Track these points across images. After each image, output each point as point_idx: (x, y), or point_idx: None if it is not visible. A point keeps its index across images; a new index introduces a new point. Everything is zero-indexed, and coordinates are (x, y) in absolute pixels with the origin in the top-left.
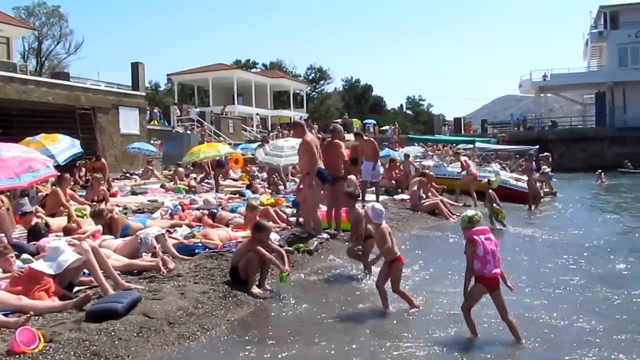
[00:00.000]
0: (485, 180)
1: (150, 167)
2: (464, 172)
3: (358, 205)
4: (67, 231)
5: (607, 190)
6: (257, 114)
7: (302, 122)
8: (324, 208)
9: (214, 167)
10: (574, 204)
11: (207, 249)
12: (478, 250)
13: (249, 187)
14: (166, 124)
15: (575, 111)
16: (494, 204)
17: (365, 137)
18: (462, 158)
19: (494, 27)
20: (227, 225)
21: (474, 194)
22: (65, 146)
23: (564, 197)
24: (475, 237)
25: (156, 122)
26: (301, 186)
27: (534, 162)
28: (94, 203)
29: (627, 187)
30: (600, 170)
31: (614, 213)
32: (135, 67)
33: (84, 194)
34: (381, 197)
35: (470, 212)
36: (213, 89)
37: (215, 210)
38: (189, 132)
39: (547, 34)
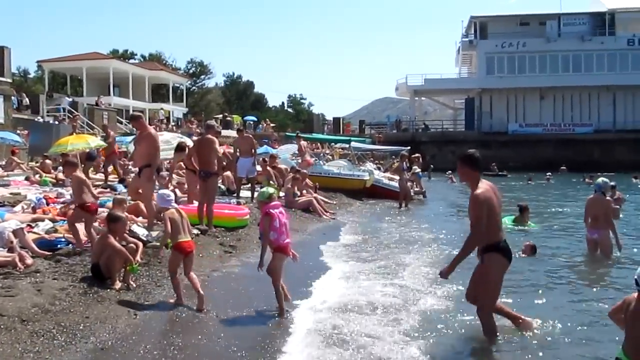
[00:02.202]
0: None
1: (15, 158)
2: (299, 158)
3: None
4: None
5: (461, 190)
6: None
7: (141, 115)
8: (196, 203)
9: (84, 160)
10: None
11: (70, 245)
12: (275, 223)
13: (121, 181)
14: (15, 105)
15: (447, 115)
16: (270, 182)
17: (245, 134)
18: (302, 142)
19: (375, 31)
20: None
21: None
22: None
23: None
24: (271, 211)
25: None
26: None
27: (405, 163)
28: None
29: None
30: (449, 172)
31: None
32: (1, 51)
33: None
34: (257, 194)
35: (270, 190)
36: (87, 78)
37: None
38: (57, 122)
39: (424, 40)
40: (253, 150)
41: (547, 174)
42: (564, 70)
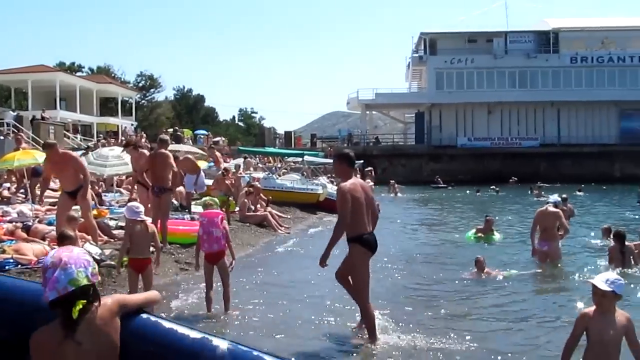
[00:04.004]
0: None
1: None
2: (215, 168)
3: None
4: None
5: (399, 200)
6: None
7: (56, 142)
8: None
9: (30, 176)
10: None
11: (19, 265)
12: (199, 231)
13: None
14: None
15: (397, 129)
16: (227, 196)
17: (181, 158)
18: (217, 153)
19: (326, 45)
20: (43, 239)
21: None
22: None
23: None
24: (200, 219)
25: None
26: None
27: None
28: None
29: (417, 199)
30: (392, 181)
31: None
32: None
33: None
34: None
35: (206, 198)
36: (33, 91)
37: (29, 223)
38: (2, 137)
39: (375, 55)
40: (194, 169)
41: (491, 187)
42: (510, 86)
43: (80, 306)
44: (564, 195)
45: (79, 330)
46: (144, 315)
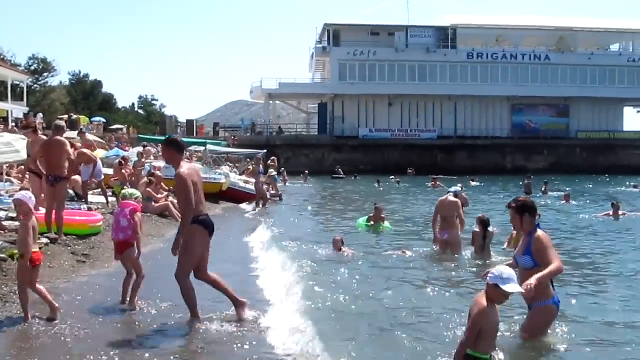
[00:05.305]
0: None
1: None
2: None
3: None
4: None
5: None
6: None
7: None
8: (43, 210)
9: None
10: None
11: None
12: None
13: None
14: None
15: (300, 119)
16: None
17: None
18: (88, 137)
19: (230, 33)
20: None
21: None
22: None
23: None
24: (117, 208)
25: None
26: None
27: (261, 166)
28: None
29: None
30: (283, 169)
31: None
32: None
33: None
34: (110, 199)
35: (125, 190)
36: None
37: None
38: None
39: (280, 45)
40: (90, 159)
41: (391, 177)
42: (410, 79)
43: None
44: (459, 185)
45: None
46: None
